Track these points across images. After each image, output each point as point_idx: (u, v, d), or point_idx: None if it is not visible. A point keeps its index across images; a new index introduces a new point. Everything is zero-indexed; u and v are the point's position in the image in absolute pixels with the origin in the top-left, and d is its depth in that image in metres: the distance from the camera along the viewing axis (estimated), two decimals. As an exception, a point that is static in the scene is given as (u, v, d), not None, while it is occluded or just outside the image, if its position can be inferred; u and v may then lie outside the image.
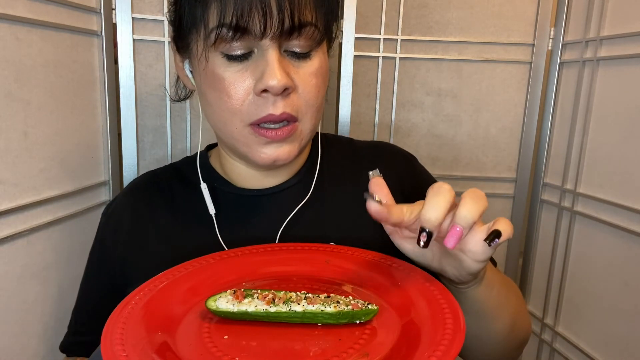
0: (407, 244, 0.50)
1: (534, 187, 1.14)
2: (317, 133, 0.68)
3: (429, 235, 0.43)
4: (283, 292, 0.46)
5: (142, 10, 0.94)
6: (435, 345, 0.37)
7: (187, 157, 0.72)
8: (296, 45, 0.53)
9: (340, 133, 1.05)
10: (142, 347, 0.39)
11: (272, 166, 0.58)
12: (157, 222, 0.64)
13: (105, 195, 0.93)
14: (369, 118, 1.12)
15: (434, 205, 0.42)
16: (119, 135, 0.96)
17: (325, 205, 0.65)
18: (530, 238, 1.16)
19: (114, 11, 0.91)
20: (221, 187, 0.65)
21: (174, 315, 0.46)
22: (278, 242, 0.62)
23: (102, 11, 0.88)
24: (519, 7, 1.07)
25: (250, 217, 0.64)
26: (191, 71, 0.59)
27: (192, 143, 1.02)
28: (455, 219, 0.42)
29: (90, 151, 0.89)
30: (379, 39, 1.07)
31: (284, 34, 0.51)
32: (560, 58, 1.06)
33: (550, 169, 1.10)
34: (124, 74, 0.94)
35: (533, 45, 1.08)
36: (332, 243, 0.61)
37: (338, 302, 0.44)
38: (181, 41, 0.57)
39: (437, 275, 0.53)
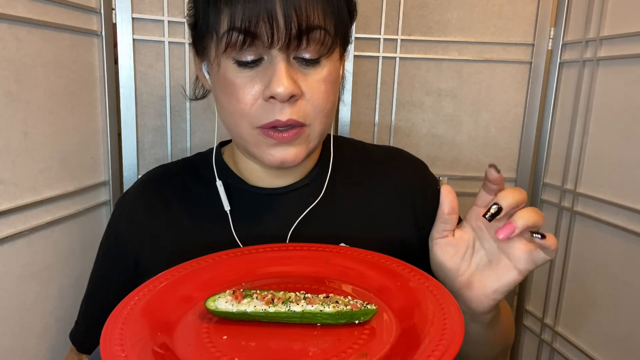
0: (449, 248, 0.56)
1: (534, 187, 1.14)
2: (330, 135, 0.69)
3: (499, 210, 0.49)
4: (282, 292, 0.46)
5: (142, 10, 0.94)
6: (434, 346, 0.37)
7: (199, 153, 0.73)
8: (305, 52, 0.53)
9: (340, 133, 1.05)
10: (141, 347, 0.39)
11: (280, 167, 0.59)
12: (170, 215, 0.65)
13: (105, 195, 0.93)
14: (369, 118, 1.12)
15: (513, 195, 0.50)
16: (119, 135, 0.97)
17: (336, 205, 0.66)
18: (530, 238, 1.16)
19: (114, 11, 0.91)
20: (234, 184, 0.66)
21: (173, 315, 0.46)
22: (289, 240, 0.63)
23: (102, 11, 0.88)
24: (519, 7, 1.07)
25: (263, 215, 0.65)
26: (208, 72, 0.61)
27: (192, 143, 1.03)
28: (515, 218, 0.49)
29: (90, 151, 0.89)
30: (379, 39, 1.07)
31: (292, 44, 0.51)
32: (560, 58, 1.06)
33: (550, 169, 1.10)
34: (124, 74, 0.94)
35: (533, 45, 1.08)
36: (342, 244, 0.62)
37: (337, 302, 0.44)
38: (198, 45, 0.59)
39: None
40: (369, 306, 0.44)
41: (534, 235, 0.49)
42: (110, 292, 0.67)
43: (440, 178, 0.52)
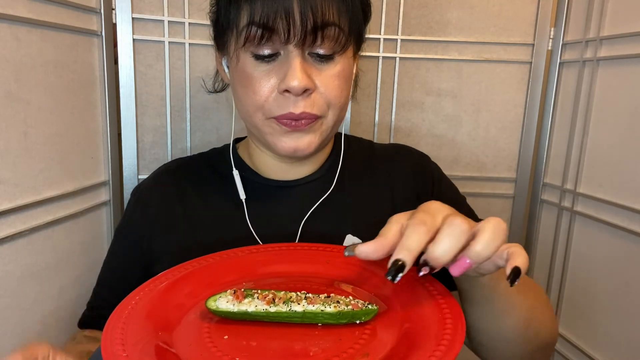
0: None
1: (534, 187, 1.14)
2: (341, 134, 0.73)
3: (431, 270, 0.39)
4: (283, 292, 0.46)
5: (142, 10, 0.94)
6: (435, 346, 0.37)
7: (214, 149, 0.75)
8: (320, 48, 0.55)
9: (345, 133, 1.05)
10: (142, 347, 0.39)
11: (293, 156, 0.60)
12: (185, 205, 0.67)
13: (105, 195, 0.93)
14: (369, 118, 1.12)
15: (447, 247, 0.38)
16: (119, 135, 0.96)
17: (345, 199, 0.68)
18: (530, 238, 1.16)
19: (114, 11, 0.91)
20: (249, 176, 0.68)
21: (174, 315, 0.46)
22: (300, 232, 0.65)
23: (102, 11, 0.88)
24: (519, 7, 1.07)
25: (276, 206, 0.67)
26: (228, 67, 0.63)
27: (192, 143, 1.02)
28: (469, 252, 0.39)
29: (90, 151, 0.89)
30: (379, 39, 1.07)
31: (307, 40, 0.54)
32: (560, 58, 1.06)
33: (550, 169, 1.10)
34: (124, 74, 0.94)
35: (533, 45, 1.08)
36: (349, 235, 0.64)
37: (338, 302, 0.44)
38: (219, 40, 0.62)
39: None
40: (370, 306, 0.44)
41: (512, 284, 0.39)
42: (122, 276, 0.69)
43: (349, 248, 0.44)
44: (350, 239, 0.65)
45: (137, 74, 0.96)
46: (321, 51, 0.55)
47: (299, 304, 0.44)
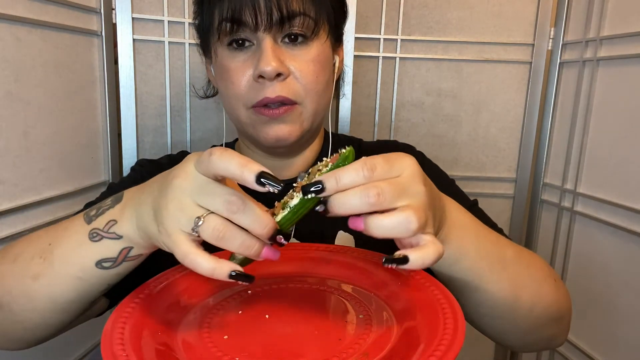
0: None
1: (534, 187, 1.14)
2: (329, 132, 0.73)
3: (325, 212, 0.41)
4: (277, 202, 0.45)
5: (142, 10, 0.94)
6: (435, 345, 0.37)
7: (214, 146, 0.74)
8: (290, 34, 0.58)
9: (340, 131, 1.05)
10: (142, 347, 0.39)
11: (276, 145, 0.61)
12: None
13: (105, 195, 0.93)
14: (369, 118, 1.12)
15: (350, 200, 0.39)
16: (119, 135, 0.97)
17: None
18: (530, 238, 1.16)
19: (114, 11, 0.91)
20: None
21: (174, 315, 0.46)
22: (295, 230, 0.65)
23: (102, 11, 0.88)
24: (519, 7, 1.07)
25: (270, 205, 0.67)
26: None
27: (192, 143, 1.02)
28: (366, 219, 0.39)
29: (90, 151, 0.89)
30: (379, 39, 1.07)
31: (275, 26, 0.56)
32: (560, 58, 1.06)
33: (550, 169, 1.10)
34: (124, 74, 0.94)
35: (533, 45, 1.08)
36: (340, 231, 0.65)
37: (319, 170, 0.42)
38: (204, 43, 0.64)
39: None
40: (343, 150, 0.42)
41: (385, 263, 0.39)
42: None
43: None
44: (342, 236, 0.65)
45: (137, 74, 0.96)
46: (292, 37, 0.57)
47: (291, 199, 0.43)
